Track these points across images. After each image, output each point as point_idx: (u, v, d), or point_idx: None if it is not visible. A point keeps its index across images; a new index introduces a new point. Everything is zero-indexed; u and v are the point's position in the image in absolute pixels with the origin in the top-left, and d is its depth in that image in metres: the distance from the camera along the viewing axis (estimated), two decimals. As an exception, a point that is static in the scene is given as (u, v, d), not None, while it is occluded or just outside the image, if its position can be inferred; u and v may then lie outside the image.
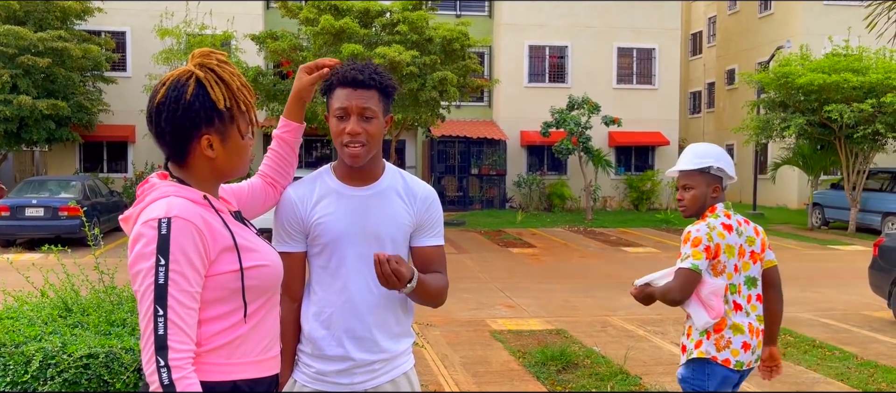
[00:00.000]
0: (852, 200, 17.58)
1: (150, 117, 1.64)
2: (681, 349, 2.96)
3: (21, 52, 17.04)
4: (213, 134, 1.64)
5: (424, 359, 5.92)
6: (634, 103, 23.77)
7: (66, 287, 3.78)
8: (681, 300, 2.79)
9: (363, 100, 1.98)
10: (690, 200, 2.88)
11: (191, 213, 1.55)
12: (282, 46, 16.10)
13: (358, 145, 1.98)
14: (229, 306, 1.60)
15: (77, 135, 19.31)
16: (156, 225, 1.50)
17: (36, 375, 3.05)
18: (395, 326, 2.09)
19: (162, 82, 1.65)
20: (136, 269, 1.50)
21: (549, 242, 15.42)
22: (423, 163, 23.85)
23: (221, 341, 1.58)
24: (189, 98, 1.60)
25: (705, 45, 32.31)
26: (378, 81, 2.01)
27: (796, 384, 5.43)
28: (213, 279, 1.56)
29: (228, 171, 1.71)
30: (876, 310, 8.29)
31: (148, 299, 1.47)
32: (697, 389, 2.84)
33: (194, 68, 1.63)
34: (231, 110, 1.65)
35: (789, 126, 17.14)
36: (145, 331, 1.47)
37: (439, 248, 2.15)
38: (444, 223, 2.20)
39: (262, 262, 1.65)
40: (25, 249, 13.37)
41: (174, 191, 1.60)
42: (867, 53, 17.45)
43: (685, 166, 2.89)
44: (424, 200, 2.11)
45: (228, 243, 1.59)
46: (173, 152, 1.66)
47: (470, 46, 17.22)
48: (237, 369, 1.61)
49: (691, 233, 2.81)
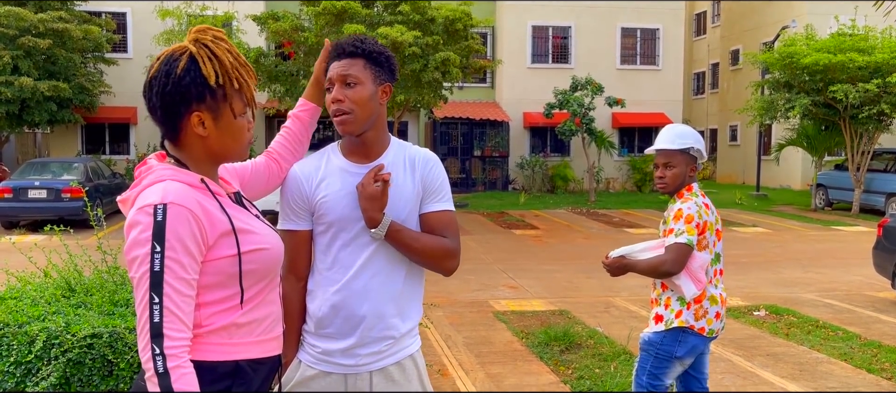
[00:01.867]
0: (856, 180, 17.52)
1: (144, 92, 1.63)
2: (654, 319, 3.15)
3: (22, 33, 16.97)
4: (204, 111, 1.60)
5: (428, 339, 5.93)
6: (638, 84, 23.65)
7: (69, 268, 3.78)
8: (675, 272, 3.00)
9: (345, 67, 1.97)
10: (672, 178, 3.08)
11: (187, 198, 1.52)
12: (283, 27, 16.00)
13: (342, 113, 1.96)
14: (227, 291, 1.58)
15: (79, 116, 19.29)
16: (151, 211, 1.48)
17: (40, 355, 3.05)
18: (401, 305, 2.06)
19: (157, 58, 1.64)
20: (132, 255, 1.48)
21: (552, 224, 15.41)
22: (426, 144, 23.79)
23: (221, 323, 1.57)
24: (180, 73, 1.58)
25: (710, 25, 32.08)
26: (361, 48, 1.99)
27: (799, 364, 5.43)
28: (211, 264, 1.55)
29: (222, 152, 1.67)
30: (879, 290, 8.28)
31: (144, 287, 1.46)
32: (665, 353, 3.09)
33: (189, 44, 1.61)
34: (224, 88, 1.62)
35: (794, 106, 17.04)
36: (141, 318, 1.46)
37: (446, 213, 2.07)
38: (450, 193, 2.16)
39: (261, 245, 1.63)
40: (28, 231, 13.41)
41: (170, 174, 1.57)
42: (873, 33, 17.31)
43: (669, 146, 3.08)
44: (425, 164, 2.07)
45: (226, 228, 1.57)
46: (166, 129, 1.63)
47: (472, 27, 17.10)
48: (239, 349, 1.60)
49: (683, 210, 3.02)
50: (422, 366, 2.13)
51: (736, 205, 19.60)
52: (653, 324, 3.15)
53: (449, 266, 2.07)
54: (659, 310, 3.14)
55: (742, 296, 8.02)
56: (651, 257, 3.04)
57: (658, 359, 3.11)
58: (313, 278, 2.07)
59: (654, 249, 3.06)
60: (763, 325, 6.65)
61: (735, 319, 6.87)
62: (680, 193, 3.10)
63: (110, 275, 3.74)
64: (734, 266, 10.21)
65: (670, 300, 3.10)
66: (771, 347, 5.93)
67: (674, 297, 3.10)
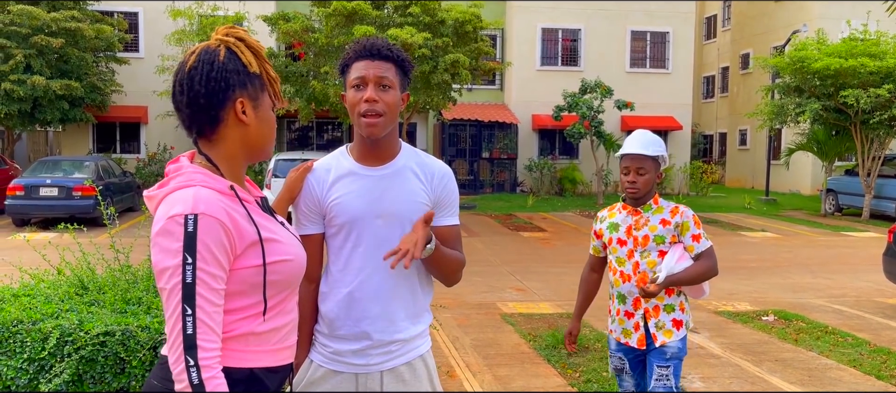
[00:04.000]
0: (867, 186, 17.42)
1: (181, 85, 1.61)
2: (675, 326, 3.07)
3: (34, 32, 17.11)
4: (246, 98, 1.63)
5: (436, 341, 5.95)
6: (647, 87, 23.59)
7: (82, 265, 3.82)
8: (717, 274, 3.05)
9: (381, 69, 1.99)
10: (644, 184, 3.08)
11: (216, 208, 1.52)
12: (294, 28, 16.06)
13: (374, 115, 1.97)
14: (250, 300, 1.59)
15: (90, 115, 19.42)
16: (182, 221, 1.48)
17: (53, 352, 3.09)
18: (412, 307, 2.08)
19: (190, 52, 1.64)
20: (163, 266, 1.48)
21: (560, 227, 15.40)
22: (434, 146, 23.82)
23: (241, 331, 1.58)
24: (223, 60, 1.60)
25: (720, 28, 31.96)
26: (395, 54, 2.02)
27: (808, 370, 5.41)
28: (236, 273, 1.55)
29: (259, 143, 1.68)
30: (889, 297, 8.24)
31: (176, 298, 1.46)
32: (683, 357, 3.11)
33: (221, 38, 1.64)
34: (261, 77, 1.66)
35: (804, 111, 16.96)
36: (173, 330, 1.46)
37: (455, 227, 2.14)
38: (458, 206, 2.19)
39: (286, 256, 1.63)
40: (40, 229, 13.51)
41: (201, 180, 1.57)
42: (885, 38, 17.21)
43: (644, 151, 3.05)
44: (441, 178, 2.10)
45: (253, 238, 1.57)
46: (205, 120, 1.62)
47: (482, 29, 17.12)
48: (255, 357, 1.60)
49: (695, 216, 3.09)
50: (432, 367, 2.15)
51: (745, 209, 19.52)
52: (675, 331, 3.05)
53: (457, 279, 2.15)
54: (675, 315, 3.07)
55: (751, 301, 8.00)
56: (692, 265, 2.99)
57: (681, 364, 3.11)
58: (326, 280, 2.10)
59: (683, 258, 3.00)
60: (772, 330, 6.63)
61: (743, 324, 6.86)
62: (655, 199, 3.10)
63: (123, 273, 3.78)
64: (743, 271, 10.17)
65: (684, 304, 3.11)
66: (779, 352, 5.91)
67: (684, 299, 3.11)
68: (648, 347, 3.06)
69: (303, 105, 17.08)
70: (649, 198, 3.10)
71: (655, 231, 3.03)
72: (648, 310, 3.06)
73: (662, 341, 3.03)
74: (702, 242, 3.02)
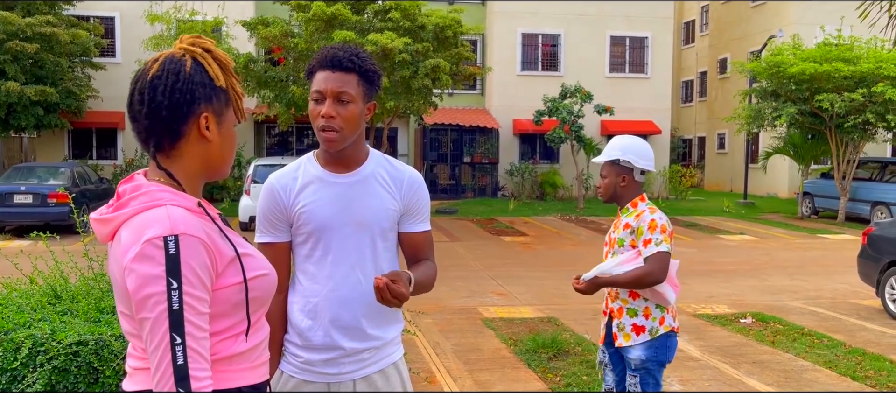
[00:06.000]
0: (842, 189, 17.68)
1: (141, 94, 1.50)
2: (634, 330, 3.10)
3: (9, 37, 16.85)
4: (211, 113, 1.54)
5: (416, 346, 5.93)
6: (627, 92, 23.78)
7: (54, 274, 3.76)
8: (661, 280, 3.00)
9: (340, 83, 1.94)
10: (604, 188, 3.19)
11: (195, 227, 1.43)
12: (273, 33, 15.98)
13: (332, 131, 1.94)
14: (232, 320, 1.51)
15: (66, 121, 19.15)
16: (161, 244, 1.37)
17: (25, 362, 3.03)
18: (383, 314, 2.06)
19: (152, 60, 1.55)
20: (144, 293, 1.36)
21: (541, 231, 15.45)
22: (416, 151, 23.81)
23: (225, 353, 1.51)
24: (189, 71, 1.51)
25: (698, 33, 32.33)
26: (358, 64, 1.97)
27: (785, 372, 5.47)
28: (217, 293, 1.46)
29: (219, 161, 1.59)
30: (864, 298, 8.36)
31: (162, 327, 1.35)
32: (661, 362, 3.10)
33: (187, 47, 1.55)
34: (227, 92, 1.58)
35: (781, 115, 17.19)
36: (162, 363, 1.34)
37: (426, 233, 2.13)
38: (436, 211, 2.18)
39: (263, 270, 1.57)
40: (14, 237, 13.28)
41: (169, 198, 1.46)
42: (859, 43, 17.50)
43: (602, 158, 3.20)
44: (411, 185, 2.08)
45: (231, 255, 1.50)
46: (167, 133, 1.51)
47: (463, 34, 17.15)
48: (241, 376, 1.55)
49: (657, 220, 3.05)
50: (405, 373, 2.14)
51: (723, 213, 19.73)
52: (633, 336, 3.09)
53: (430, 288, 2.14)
54: (637, 320, 3.09)
55: (729, 303, 8.07)
56: (632, 269, 3.01)
57: (657, 369, 3.10)
58: (294, 289, 2.07)
59: (629, 261, 3.03)
60: (749, 332, 6.70)
61: (722, 327, 6.91)
62: (634, 203, 3.12)
63: (96, 282, 3.72)
64: (721, 274, 10.27)
65: (649, 309, 3.09)
66: (757, 354, 5.97)
67: (651, 305, 3.08)
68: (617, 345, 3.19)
69: (282, 110, 16.98)
70: (627, 200, 3.15)
71: (620, 234, 3.14)
72: (613, 310, 3.19)
73: (620, 344, 3.14)
74: (649, 248, 3.00)
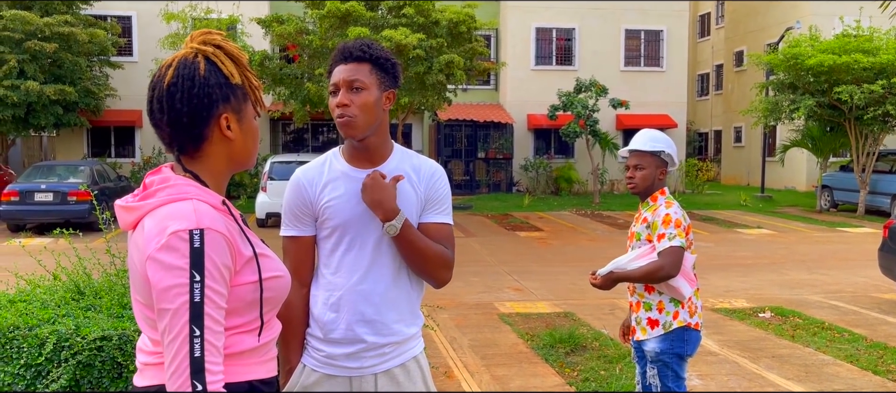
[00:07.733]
0: (862, 181, 17.47)
1: (160, 102, 1.51)
2: (649, 324, 3.15)
3: (28, 37, 17.05)
4: (230, 112, 1.54)
5: (433, 341, 5.95)
6: (642, 86, 23.63)
7: (78, 271, 3.81)
8: (674, 275, 3.00)
9: (352, 72, 1.99)
10: (641, 179, 3.15)
11: (219, 223, 1.45)
12: (288, 30, 16.04)
13: (346, 117, 1.97)
14: (245, 318, 1.53)
15: (84, 120, 19.36)
16: (187, 237, 1.39)
17: (50, 358, 3.08)
18: (405, 308, 2.07)
19: (165, 65, 1.55)
20: (166, 284, 1.37)
21: (557, 226, 15.41)
22: (430, 147, 23.81)
23: (238, 348, 1.54)
24: (204, 74, 1.51)
25: (714, 26, 32.03)
26: (368, 53, 2.00)
27: (805, 366, 5.43)
28: (233, 290, 1.48)
29: (244, 156, 1.61)
30: (885, 292, 8.27)
31: (182, 319, 1.36)
32: (678, 355, 3.12)
33: (197, 46, 1.54)
34: (243, 87, 1.57)
35: (798, 108, 17.01)
36: (179, 353, 1.36)
37: (446, 226, 2.09)
38: (451, 207, 2.17)
39: (278, 272, 1.59)
40: (35, 234, 13.46)
41: (195, 193, 1.48)
42: (878, 34, 17.27)
43: (641, 147, 3.15)
44: (431, 176, 2.09)
45: (249, 254, 1.52)
46: (189, 138, 1.53)
47: (476, 29, 17.13)
48: (252, 370, 1.57)
49: (671, 215, 3.04)
50: (426, 368, 2.15)
51: (740, 206, 19.57)
52: (649, 329, 3.13)
53: (444, 276, 2.08)
54: (651, 314, 3.13)
55: (747, 297, 8.02)
56: (645, 264, 3.03)
57: (676, 362, 3.11)
58: (317, 283, 2.09)
59: (644, 256, 3.05)
60: (768, 326, 6.65)
61: (740, 321, 6.87)
62: (654, 197, 3.13)
63: (119, 278, 3.76)
64: (739, 268, 10.20)
65: (663, 303, 3.10)
66: (776, 348, 5.93)
67: (665, 299, 3.10)
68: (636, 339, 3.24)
69: (298, 107, 17.06)
70: (649, 195, 3.16)
71: (638, 228, 3.16)
72: (632, 304, 3.24)
73: (638, 337, 3.20)
74: (663, 242, 3.01)
